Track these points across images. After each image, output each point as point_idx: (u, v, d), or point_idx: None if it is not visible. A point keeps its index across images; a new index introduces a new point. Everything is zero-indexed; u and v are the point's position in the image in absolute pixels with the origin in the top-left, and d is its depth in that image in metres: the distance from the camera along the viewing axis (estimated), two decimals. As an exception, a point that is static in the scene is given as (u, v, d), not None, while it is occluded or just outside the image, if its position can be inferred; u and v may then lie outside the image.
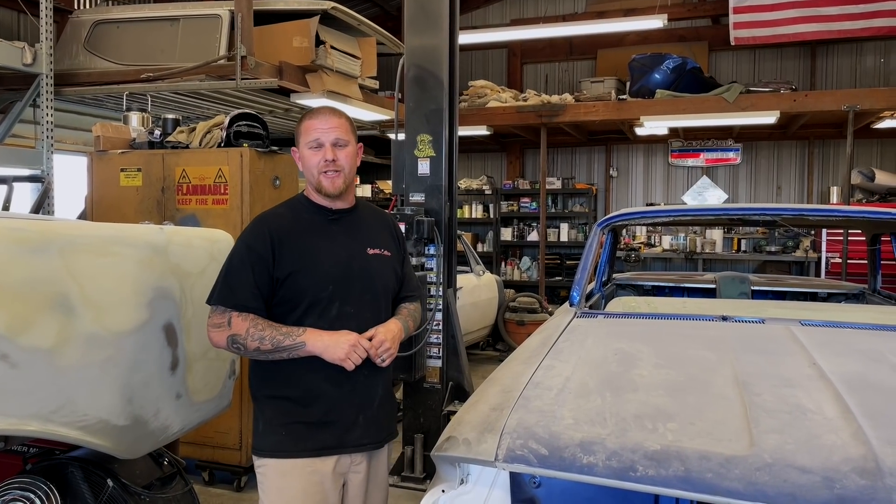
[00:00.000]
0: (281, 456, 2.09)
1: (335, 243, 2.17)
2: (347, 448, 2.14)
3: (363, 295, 2.16)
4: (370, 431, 2.18)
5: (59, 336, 1.97)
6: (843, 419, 1.61)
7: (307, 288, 2.09)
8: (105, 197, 4.43)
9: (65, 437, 2.02)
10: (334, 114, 2.18)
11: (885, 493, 1.35)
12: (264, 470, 2.12)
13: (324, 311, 2.09)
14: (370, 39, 6.43)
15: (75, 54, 5.91)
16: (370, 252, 2.21)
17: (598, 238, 3.35)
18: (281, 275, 2.08)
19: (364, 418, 2.16)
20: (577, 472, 1.54)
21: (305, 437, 2.09)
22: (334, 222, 2.20)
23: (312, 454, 2.09)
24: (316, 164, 2.13)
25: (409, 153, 4.23)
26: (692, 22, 10.30)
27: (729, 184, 10.40)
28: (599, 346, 2.29)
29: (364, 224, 2.27)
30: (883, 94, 7.92)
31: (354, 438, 2.14)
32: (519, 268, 10.86)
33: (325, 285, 2.10)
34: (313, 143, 2.13)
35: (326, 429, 2.10)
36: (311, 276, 2.09)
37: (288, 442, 2.09)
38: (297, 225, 2.16)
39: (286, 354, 2.02)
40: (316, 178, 2.15)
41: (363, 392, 2.15)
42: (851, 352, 2.17)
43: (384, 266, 2.24)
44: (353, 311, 2.13)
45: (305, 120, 2.18)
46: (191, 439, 3.97)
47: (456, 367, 4.25)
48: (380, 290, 2.22)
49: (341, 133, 2.14)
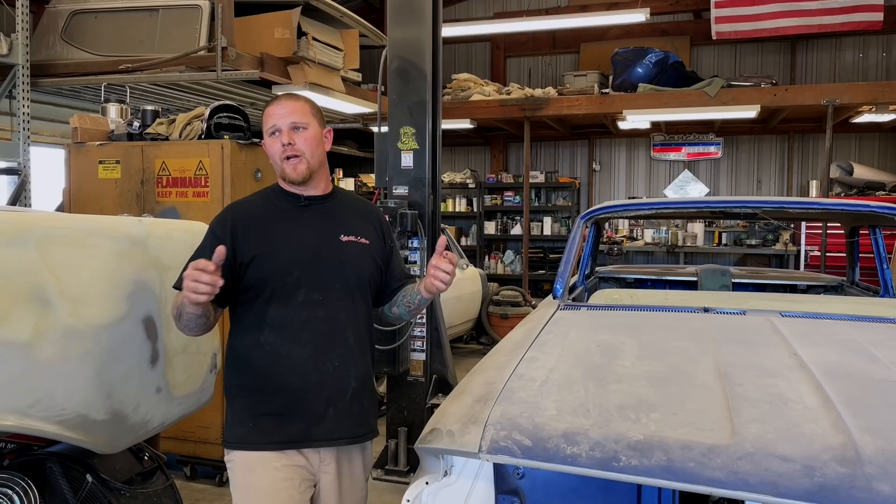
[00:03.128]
0: (247, 448, 2.02)
1: (304, 229, 2.09)
2: (316, 442, 2.04)
3: (333, 282, 2.07)
4: (342, 425, 2.06)
5: (36, 329, 1.94)
6: (823, 408, 1.63)
7: (271, 272, 2.02)
8: (83, 190, 4.37)
9: (43, 431, 1.99)
10: (291, 98, 2.10)
11: (864, 480, 1.36)
12: (232, 465, 2.06)
13: (289, 297, 2.02)
14: (353, 31, 6.39)
15: (52, 45, 5.81)
16: (343, 239, 2.11)
17: (581, 231, 3.36)
18: (245, 259, 2.02)
19: (335, 411, 2.05)
20: (561, 462, 1.54)
21: (272, 430, 2.01)
22: (305, 208, 2.12)
23: (279, 447, 2.01)
24: (277, 151, 2.06)
25: (392, 146, 4.21)
26: (674, 16, 10.35)
27: (710, 178, 10.48)
28: (582, 338, 2.30)
29: (339, 211, 2.18)
30: (861, 88, 8.02)
31: (324, 432, 2.04)
32: (502, 261, 10.87)
33: (290, 270, 2.03)
34: (271, 129, 2.06)
35: (293, 421, 2.01)
36: (275, 261, 2.02)
37: (255, 434, 2.01)
38: (266, 211, 2.11)
39: (185, 317, 1.90)
40: (280, 165, 2.08)
41: (333, 383, 2.04)
42: (831, 342, 2.19)
43: (360, 254, 2.13)
44: (320, 297, 2.04)
45: (266, 108, 2.11)
46: (172, 434, 3.94)
47: (440, 360, 4.24)
48: (352, 278, 2.11)
49: (298, 116, 2.05)
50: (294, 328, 2.03)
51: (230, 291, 2.02)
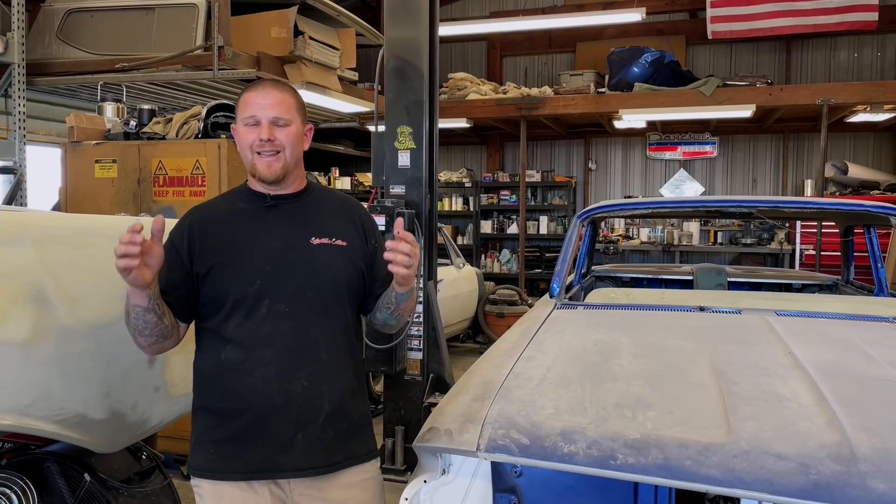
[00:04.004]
0: (212, 477, 1.85)
1: (269, 233, 1.88)
2: (282, 472, 1.82)
3: (303, 291, 1.84)
4: (311, 453, 1.83)
5: (34, 329, 1.94)
6: (818, 406, 1.64)
7: (230, 283, 1.82)
8: (80, 189, 4.37)
9: (41, 431, 1.99)
10: (277, 87, 1.88)
11: (858, 478, 1.38)
12: (200, 492, 1.88)
13: (251, 310, 1.81)
14: (349, 30, 6.39)
15: (48, 43, 5.80)
16: (315, 242, 1.88)
17: (577, 230, 3.37)
18: (201, 270, 1.83)
19: (304, 436, 1.82)
20: (558, 460, 1.55)
21: (234, 458, 1.82)
22: (272, 209, 1.91)
23: (243, 477, 1.82)
24: (249, 143, 1.85)
25: (389, 145, 4.21)
26: (670, 16, 10.38)
27: (706, 177, 10.51)
28: (579, 337, 2.31)
29: (312, 211, 1.95)
30: (856, 88, 8.06)
31: (291, 461, 1.82)
32: (499, 260, 10.88)
33: (252, 280, 1.82)
34: (249, 119, 1.84)
35: (257, 448, 1.81)
36: (234, 271, 1.82)
37: (217, 461, 1.84)
38: (228, 215, 1.91)
39: (133, 314, 1.73)
40: (250, 159, 1.87)
41: (301, 405, 1.82)
42: (826, 341, 2.20)
43: (335, 258, 1.90)
44: (287, 309, 1.83)
45: (244, 93, 1.88)
46: (170, 433, 3.93)
47: (437, 359, 4.25)
48: (326, 285, 1.87)
49: (283, 111, 1.84)
50: (256, 344, 1.82)
51: (192, 305, 1.87)
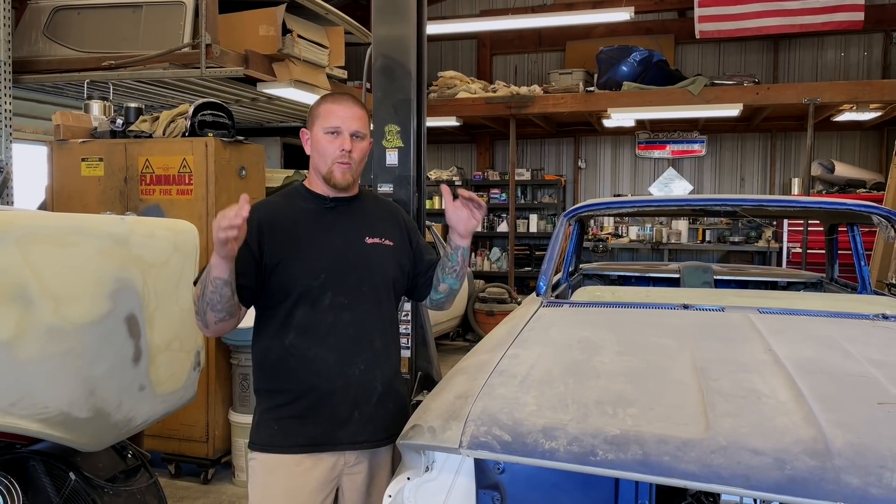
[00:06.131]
0: (270, 451, 2.04)
1: (330, 232, 2.09)
2: (340, 445, 2.05)
3: (359, 285, 2.08)
4: (366, 429, 2.08)
5: (18, 328, 1.94)
6: (796, 402, 1.66)
7: (297, 277, 2.02)
8: (66, 187, 4.35)
9: (25, 429, 1.99)
10: (356, 102, 2.10)
11: (833, 472, 1.40)
12: (253, 464, 2.07)
13: (315, 301, 2.02)
14: (338, 29, 6.38)
15: (34, 41, 5.75)
16: (368, 241, 2.12)
17: (564, 228, 3.39)
18: (270, 262, 2.01)
19: (360, 414, 2.06)
20: (540, 457, 1.57)
21: (296, 432, 2.02)
22: (331, 210, 2.12)
23: (301, 450, 2.02)
24: (332, 152, 2.04)
25: (377, 144, 4.21)
26: (659, 15, 10.42)
27: (694, 175, 10.57)
28: (564, 335, 2.32)
29: (364, 212, 2.18)
30: (843, 87, 8.12)
31: (349, 435, 2.05)
32: (489, 258, 10.90)
33: (317, 274, 2.03)
34: (332, 129, 2.04)
35: (318, 423, 2.03)
36: (301, 265, 2.02)
37: (279, 436, 2.03)
38: (291, 213, 2.09)
39: (210, 287, 1.85)
40: (329, 166, 2.05)
41: (358, 387, 2.06)
42: (806, 338, 2.23)
43: (384, 256, 2.14)
44: (346, 301, 2.05)
45: (326, 103, 2.08)
46: (156, 432, 3.94)
47: (425, 357, 4.26)
48: (379, 281, 2.12)
49: (361, 125, 2.07)
50: (320, 332, 2.03)
51: (256, 291, 2.02)
